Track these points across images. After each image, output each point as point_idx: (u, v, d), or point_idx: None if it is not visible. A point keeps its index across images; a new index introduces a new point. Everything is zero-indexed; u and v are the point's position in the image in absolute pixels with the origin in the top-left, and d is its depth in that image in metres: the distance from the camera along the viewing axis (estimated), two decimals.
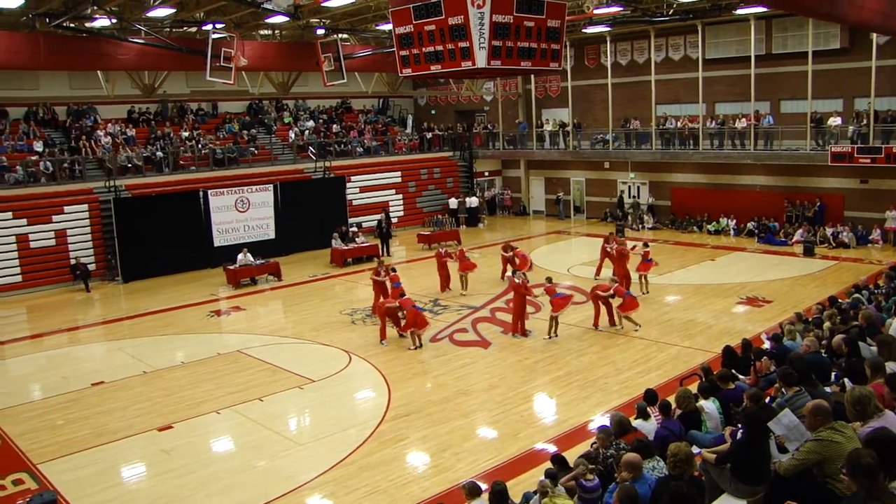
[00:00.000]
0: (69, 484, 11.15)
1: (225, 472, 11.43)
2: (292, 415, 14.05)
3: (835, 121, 26.99)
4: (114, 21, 21.44)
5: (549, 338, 17.33)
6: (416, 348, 17.13)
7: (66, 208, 26.44)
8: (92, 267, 26.10)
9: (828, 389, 8.26)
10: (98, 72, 26.40)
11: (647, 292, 20.79)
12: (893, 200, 26.35)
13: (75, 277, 25.40)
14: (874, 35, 24.66)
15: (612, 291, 17.90)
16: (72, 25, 21.16)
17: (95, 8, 19.98)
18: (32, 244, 25.57)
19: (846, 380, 8.22)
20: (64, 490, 10.87)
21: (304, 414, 14.11)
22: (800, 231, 27.38)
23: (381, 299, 18.83)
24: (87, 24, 21.98)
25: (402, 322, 17.54)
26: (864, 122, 26.12)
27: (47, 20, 20.11)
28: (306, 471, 11.27)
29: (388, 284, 19.23)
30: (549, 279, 18.15)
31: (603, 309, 18.21)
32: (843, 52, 26.96)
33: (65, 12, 19.63)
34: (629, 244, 22.13)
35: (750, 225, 29.31)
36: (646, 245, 21.72)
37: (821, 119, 27.33)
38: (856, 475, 4.75)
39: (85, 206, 26.79)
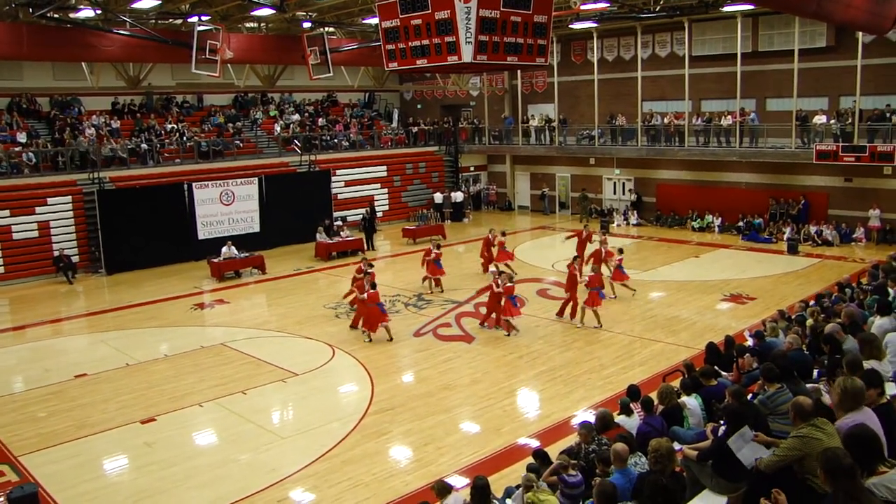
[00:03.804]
0: (50, 476, 11.08)
1: (208, 465, 11.39)
2: (275, 408, 14.00)
3: (820, 119, 27.11)
4: (98, 12, 21.30)
5: (508, 334, 17.48)
6: (368, 341, 17.36)
7: (50, 200, 26.22)
8: (75, 259, 25.92)
9: (810, 386, 8.32)
10: (82, 63, 26.20)
11: (616, 297, 20.54)
12: (877, 199, 26.56)
13: (58, 269, 25.23)
14: (860, 34, 24.78)
15: (585, 278, 18.10)
16: (55, 16, 20.97)
17: None
18: (15, 236, 25.35)
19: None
20: (45, 482, 10.81)
21: (288, 407, 14.08)
22: (788, 230, 27.47)
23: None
24: (72, 15, 21.80)
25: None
26: (849, 120, 26.27)
27: (30, 10, 19.94)
28: (289, 464, 11.25)
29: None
30: (510, 277, 18.22)
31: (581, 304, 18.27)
32: (829, 50, 27.10)
33: (49, 2, 19.46)
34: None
35: (740, 224, 29.38)
36: (620, 251, 21.35)
37: (806, 117, 27.46)
38: (836, 476, 4.76)
39: (68, 198, 26.58)
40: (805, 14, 19.58)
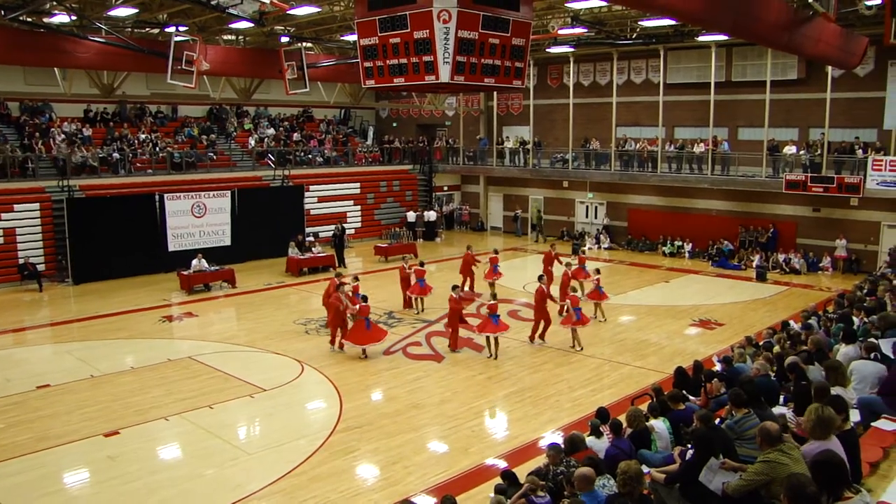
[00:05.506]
0: (7, 490, 10.85)
1: (172, 480, 11.22)
2: (242, 423, 13.84)
3: (790, 149, 27.54)
4: (73, 18, 21.08)
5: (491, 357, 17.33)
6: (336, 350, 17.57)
7: (17, 206, 25.85)
8: (42, 267, 25.53)
9: (776, 411, 8.39)
10: (55, 69, 25.93)
11: (605, 319, 20.66)
12: (843, 229, 27.01)
13: (23, 277, 24.84)
14: (829, 68, 25.26)
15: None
16: (29, 20, 20.76)
17: (55, 3, 19.65)
18: None
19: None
20: (2, 496, 10.59)
21: (255, 423, 13.92)
22: (757, 257, 27.75)
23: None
24: (46, 20, 21.58)
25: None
26: (818, 151, 26.71)
27: (3, 13, 19.69)
28: (255, 480, 11.12)
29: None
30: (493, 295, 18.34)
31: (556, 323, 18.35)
32: (800, 82, 27.61)
33: (22, 6, 19.23)
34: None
35: (711, 250, 29.65)
36: (597, 272, 21.38)
37: (776, 147, 27.89)
38: (799, 503, 4.80)
39: (36, 206, 26.23)
40: (777, 46, 19.97)
